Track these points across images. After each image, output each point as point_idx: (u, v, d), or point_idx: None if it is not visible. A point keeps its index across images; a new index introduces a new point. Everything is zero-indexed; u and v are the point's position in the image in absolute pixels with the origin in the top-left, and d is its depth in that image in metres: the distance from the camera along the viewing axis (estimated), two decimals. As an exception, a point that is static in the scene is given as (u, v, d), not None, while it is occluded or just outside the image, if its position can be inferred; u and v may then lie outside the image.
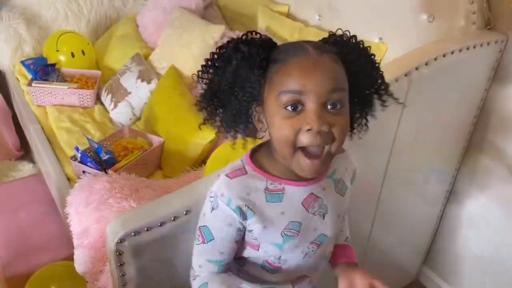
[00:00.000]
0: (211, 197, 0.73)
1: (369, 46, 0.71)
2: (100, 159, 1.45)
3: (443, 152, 1.39)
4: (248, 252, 0.77)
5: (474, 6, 1.20)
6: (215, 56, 0.68)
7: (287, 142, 0.65)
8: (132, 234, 0.82)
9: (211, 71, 0.69)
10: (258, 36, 0.68)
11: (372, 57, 0.71)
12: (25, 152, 2.20)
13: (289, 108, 0.64)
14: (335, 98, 0.64)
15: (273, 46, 0.68)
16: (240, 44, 0.66)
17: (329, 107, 0.64)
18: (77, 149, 1.46)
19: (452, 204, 1.54)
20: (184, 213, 0.85)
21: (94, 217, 1.18)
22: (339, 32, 0.71)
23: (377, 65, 0.72)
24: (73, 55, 2.00)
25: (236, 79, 0.67)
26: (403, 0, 1.35)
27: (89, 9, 2.24)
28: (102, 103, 1.92)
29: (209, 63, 0.69)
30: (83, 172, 1.43)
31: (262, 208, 0.71)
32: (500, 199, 1.40)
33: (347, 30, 0.71)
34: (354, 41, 0.70)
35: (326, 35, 1.76)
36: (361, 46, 0.70)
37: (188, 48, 1.77)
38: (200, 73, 0.70)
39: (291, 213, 0.72)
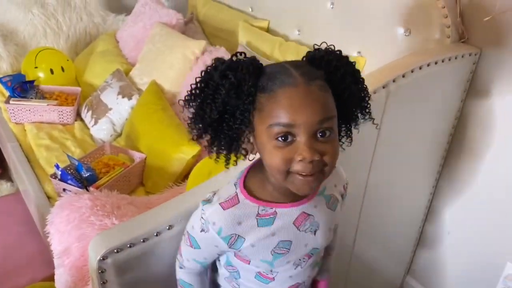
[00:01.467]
0: (202, 218, 0.73)
1: (354, 62, 0.71)
2: (81, 176, 1.44)
3: (422, 163, 1.41)
4: (239, 263, 0.78)
5: (448, 20, 1.23)
6: (202, 84, 0.67)
7: (278, 170, 0.66)
8: (115, 251, 0.81)
9: (198, 99, 0.68)
10: (244, 58, 0.67)
11: (357, 73, 0.71)
12: (2, 170, 2.16)
13: (279, 139, 0.64)
14: (325, 127, 0.64)
15: (259, 71, 0.67)
16: (227, 71, 0.65)
17: (319, 135, 0.65)
18: (57, 166, 1.44)
19: (433, 215, 1.57)
20: (167, 228, 0.84)
21: (75, 235, 1.16)
22: (323, 46, 0.70)
23: (361, 80, 0.72)
24: (52, 71, 1.98)
25: (226, 107, 0.66)
26: (380, 15, 1.38)
27: (68, 26, 2.23)
28: (82, 120, 1.90)
29: (197, 90, 0.68)
30: (64, 190, 1.41)
31: (253, 232, 0.73)
32: (478, 209, 1.43)
33: (332, 45, 0.71)
34: (338, 57, 0.69)
35: (306, 49, 1.77)
36: (346, 63, 0.69)
37: (169, 64, 1.78)
38: (187, 99, 0.69)
39: (282, 233, 0.74)
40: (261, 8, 1.87)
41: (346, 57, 0.70)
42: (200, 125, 0.69)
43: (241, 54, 0.68)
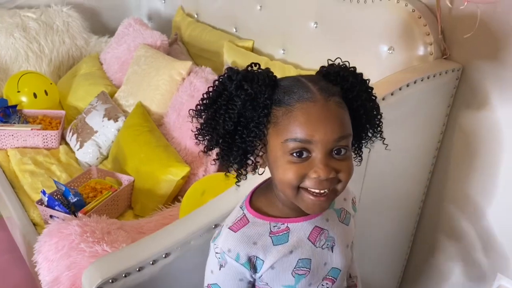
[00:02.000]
0: (217, 253, 0.70)
1: (369, 79, 0.70)
2: (69, 202, 1.41)
3: (411, 178, 1.43)
4: None
5: (430, 38, 1.27)
6: (215, 94, 0.66)
7: (290, 185, 0.64)
8: (110, 281, 0.79)
9: (211, 110, 0.66)
10: (258, 70, 0.66)
11: (372, 90, 0.70)
12: (-16, 197, 2.10)
13: (294, 154, 0.63)
14: (342, 145, 0.64)
15: (274, 83, 0.66)
16: (243, 82, 0.64)
17: (334, 153, 0.64)
18: (43, 192, 1.41)
19: (423, 225, 1.58)
20: (164, 256, 0.83)
21: (65, 264, 1.13)
22: (337, 61, 0.70)
23: (375, 98, 0.71)
24: (35, 95, 1.96)
25: (240, 118, 0.65)
26: (363, 33, 1.41)
27: (51, 49, 2.21)
28: (67, 144, 1.87)
29: (209, 100, 0.66)
30: (51, 216, 1.38)
31: (270, 252, 0.70)
32: (467, 220, 1.45)
33: (346, 61, 0.70)
34: (354, 73, 0.69)
35: (291, 68, 1.79)
36: (361, 80, 0.69)
37: (155, 85, 1.77)
38: (199, 109, 0.67)
39: (299, 250, 0.71)
40: (245, 28, 1.89)
41: (361, 74, 0.70)
42: (211, 137, 0.67)
43: (255, 65, 0.67)
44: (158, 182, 1.51)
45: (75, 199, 1.41)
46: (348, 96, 0.67)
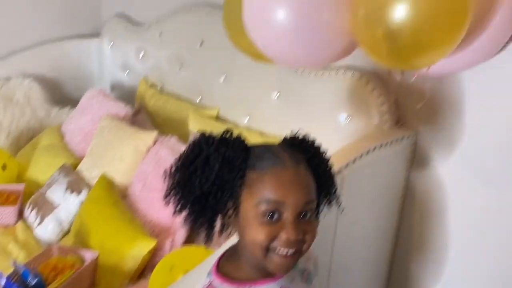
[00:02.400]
0: None
1: (327, 149, 0.78)
2: (28, 285, 1.33)
3: (377, 240, 1.46)
4: None
5: (385, 107, 1.36)
6: (192, 156, 0.70)
7: (261, 245, 0.68)
8: None
9: (187, 171, 0.70)
10: (232, 136, 0.72)
11: (329, 160, 0.77)
12: None
13: (267, 216, 0.67)
14: (309, 208, 0.69)
15: (248, 149, 0.71)
16: (220, 145, 0.69)
17: (302, 215, 0.69)
18: (-1, 275, 1.32)
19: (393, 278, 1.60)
20: None
21: None
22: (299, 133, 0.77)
23: (331, 167, 0.77)
24: (-8, 170, 1.89)
25: (215, 181, 0.68)
26: (322, 102, 1.49)
27: (9, 121, 2.16)
28: (25, 220, 1.79)
29: (185, 161, 0.70)
30: (8, 301, 1.29)
31: None
32: (432, 270, 1.48)
33: (307, 132, 0.78)
34: (314, 144, 0.76)
35: (256, 135, 1.83)
36: (321, 150, 0.76)
37: (120, 156, 1.76)
38: (175, 169, 0.71)
39: None
40: (210, 97, 1.95)
41: (320, 145, 0.77)
42: (185, 198, 0.70)
43: (229, 132, 0.72)
44: (123, 257, 1.46)
45: (35, 281, 1.33)
46: (311, 164, 0.73)
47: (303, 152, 0.73)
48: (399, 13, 0.84)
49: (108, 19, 2.47)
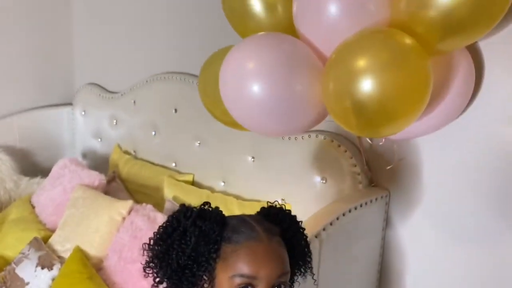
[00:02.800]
0: None
1: (301, 221, 0.80)
2: None
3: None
4: None
5: (357, 168, 1.41)
6: (170, 229, 0.72)
7: None
8: None
9: (164, 245, 0.71)
10: (210, 208, 0.74)
11: (304, 231, 0.80)
12: None
13: None
14: (282, 281, 0.71)
15: (224, 221, 0.73)
16: (197, 219, 0.71)
17: None
18: None
19: None
20: None
21: None
22: (276, 204, 0.80)
23: (306, 237, 0.80)
24: (-44, 248, 1.80)
25: (192, 253, 0.70)
26: (297, 165, 1.53)
27: (-24, 194, 2.10)
28: (-8, 300, 1.69)
29: (163, 235, 0.72)
30: None
31: None
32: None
33: (283, 204, 0.81)
34: (290, 215, 0.79)
35: (233, 200, 1.84)
36: (296, 221, 0.79)
37: (94, 227, 1.72)
38: (153, 243, 0.72)
39: None
40: (185, 163, 1.96)
41: (295, 216, 0.80)
42: (163, 270, 0.71)
43: (207, 204, 0.75)
44: (99, 335, 1.39)
45: None
46: (286, 235, 0.76)
47: (278, 223, 0.76)
48: (366, 86, 0.90)
49: (81, 87, 2.50)
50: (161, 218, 1.62)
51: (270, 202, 0.82)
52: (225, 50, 1.24)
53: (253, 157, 1.68)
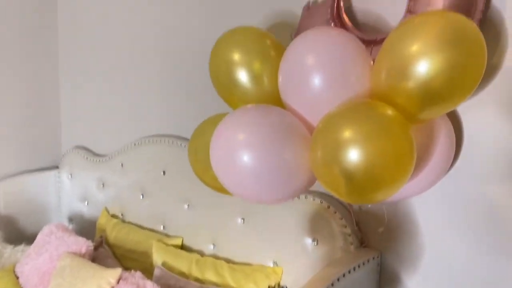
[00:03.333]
0: None
1: None
2: None
3: None
4: None
5: (348, 229, 1.41)
6: None
7: None
8: None
9: None
10: None
11: None
12: None
13: None
14: None
15: None
16: None
17: None
18: None
19: None
20: None
21: None
22: None
23: None
24: None
25: None
26: (288, 227, 1.53)
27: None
28: None
29: None
30: None
31: None
32: None
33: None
34: None
35: (223, 264, 1.82)
36: None
37: (81, 298, 1.66)
38: None
39: None
40: (173, 226, 1.94)
41: None
42: None
43: None
44: None
45: None
46: None
47: None
48: (352, 155, 0.93)
49: (68, 151, 2.50)
50: (150, 286, 1.58)
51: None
52: (214, 118, 1.28)
53: (242, 219, 1.68)
